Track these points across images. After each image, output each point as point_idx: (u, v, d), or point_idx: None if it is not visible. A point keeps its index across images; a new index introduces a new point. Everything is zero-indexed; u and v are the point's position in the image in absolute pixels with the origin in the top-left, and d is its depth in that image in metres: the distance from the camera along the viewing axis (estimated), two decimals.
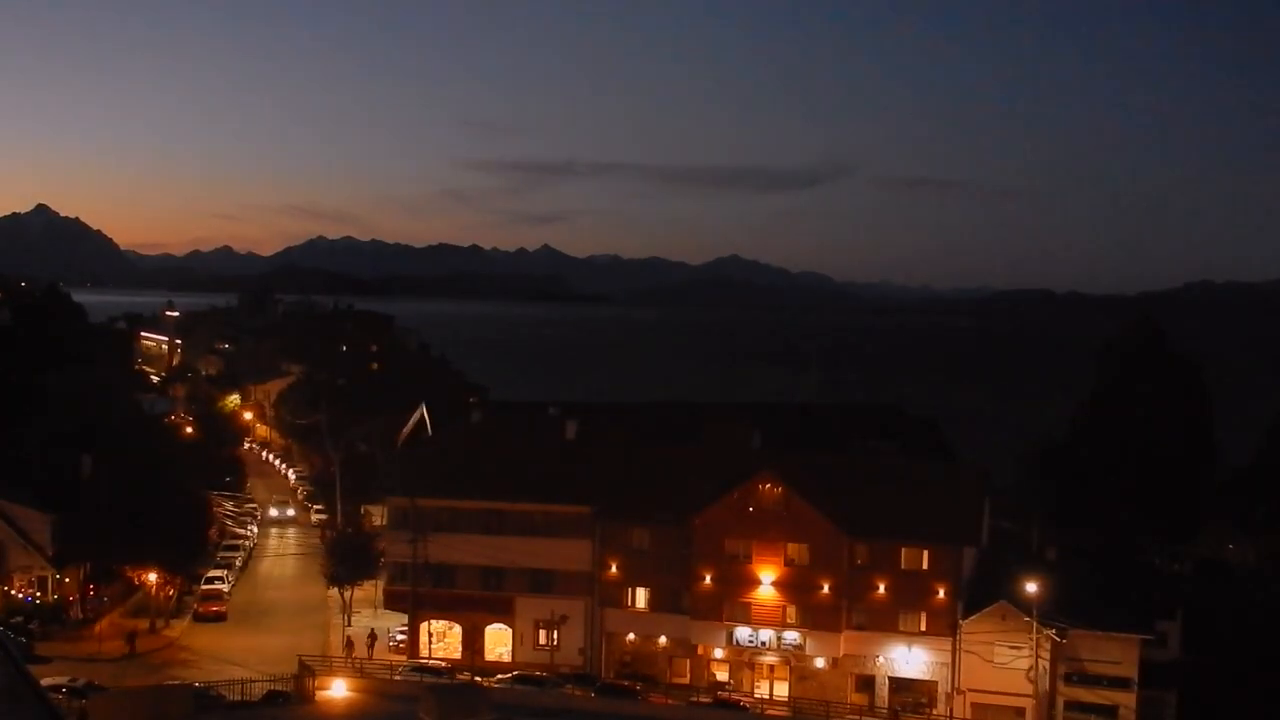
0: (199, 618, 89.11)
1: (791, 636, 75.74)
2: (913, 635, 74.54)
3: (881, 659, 75.52)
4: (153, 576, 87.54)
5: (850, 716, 74.01)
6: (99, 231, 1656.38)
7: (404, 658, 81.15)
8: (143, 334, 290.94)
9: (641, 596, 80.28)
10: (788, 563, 75.77)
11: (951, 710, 73.27)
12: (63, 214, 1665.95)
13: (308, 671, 71.98)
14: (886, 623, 75.03)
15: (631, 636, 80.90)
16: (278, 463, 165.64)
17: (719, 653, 78.28)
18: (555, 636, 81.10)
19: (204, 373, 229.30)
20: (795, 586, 75.49)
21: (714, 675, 78.82)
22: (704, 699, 75.67)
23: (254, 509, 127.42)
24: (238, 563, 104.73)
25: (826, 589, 74.88)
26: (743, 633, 76.53)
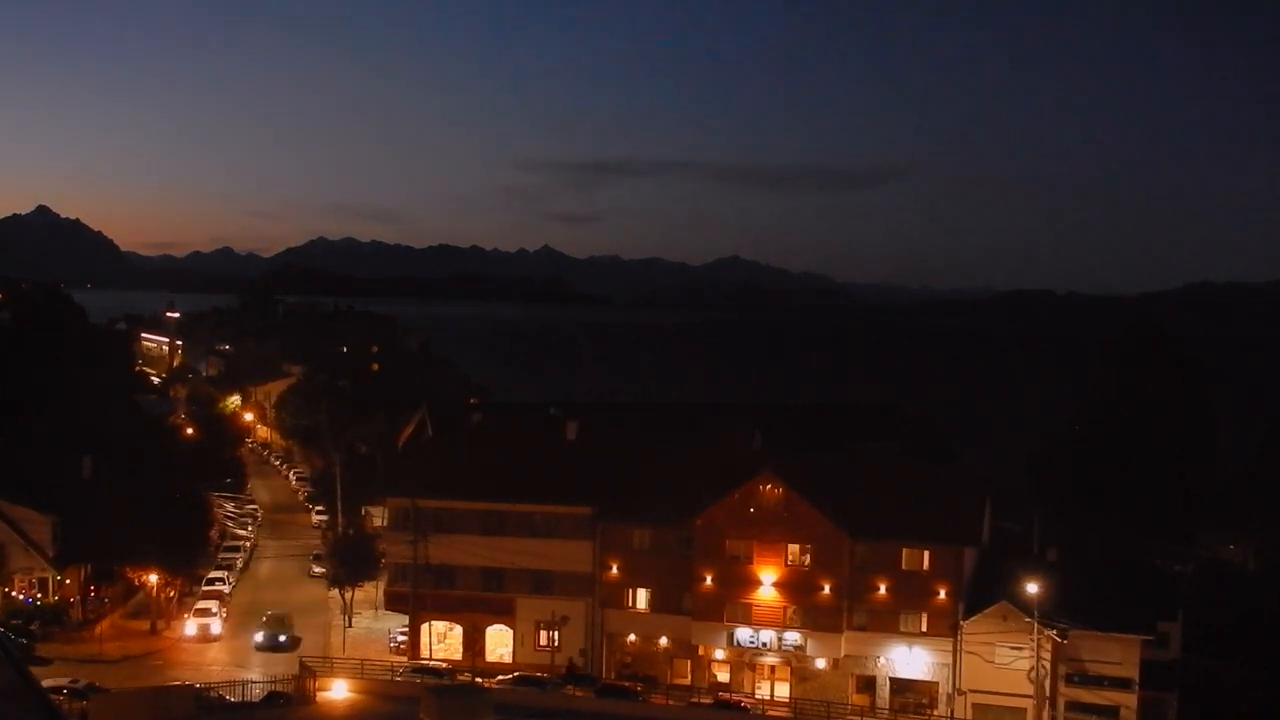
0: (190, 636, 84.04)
1: (792, 637, 75.71)
2: (914, 636, 74.55)
3: (883, 660, 75.51)
4: (153, 578, 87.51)
5: (851, 717, 74.06)
6: (99, 232, 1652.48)
7: (404, 658, 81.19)
8: (143, 335, 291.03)
9: (642, 597, 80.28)
10: (789, 563, 75.71)
11: (953, 711, 73.25)
12: (63, 215, 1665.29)
13: (308, 673, 72.02)
14: (888, 623, 75.04)
15: (632, 637, 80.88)
16: (279, 463, 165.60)
17: (720, 654, 78.30)
18: (556, 637, 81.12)
19: (205, 374, 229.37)
20: (796, 587, 75.46)
21: (715, 676, 78.83)
22: (705, 700, 75.67)
23: (255, 510, 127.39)
24: (238, 564, 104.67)
25: (827, 590, 74.86)
26: (744, 634, 76.50)
